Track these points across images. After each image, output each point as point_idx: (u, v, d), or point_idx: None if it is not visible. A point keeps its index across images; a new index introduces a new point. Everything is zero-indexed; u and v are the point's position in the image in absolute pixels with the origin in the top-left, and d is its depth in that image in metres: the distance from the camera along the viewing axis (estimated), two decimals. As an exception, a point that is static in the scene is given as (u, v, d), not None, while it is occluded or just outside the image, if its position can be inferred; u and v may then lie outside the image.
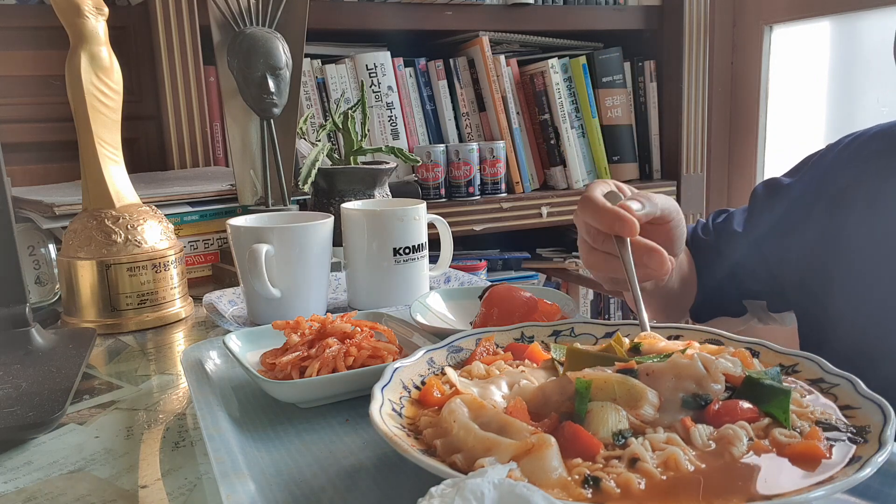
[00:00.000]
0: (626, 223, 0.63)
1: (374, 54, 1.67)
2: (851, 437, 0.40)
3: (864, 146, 0.80)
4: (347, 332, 0.61)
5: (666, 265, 0.63)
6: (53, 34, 0.92)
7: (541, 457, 0.37)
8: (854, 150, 0.81)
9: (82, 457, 0.52)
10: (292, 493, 0.43)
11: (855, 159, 0.80)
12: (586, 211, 0.66)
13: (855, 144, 0.82)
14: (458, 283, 0.96)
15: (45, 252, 0.94)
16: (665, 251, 0.64)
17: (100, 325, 0.82)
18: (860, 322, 0.72)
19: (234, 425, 0.51)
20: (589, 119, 1.83)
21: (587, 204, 0.67)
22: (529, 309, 0.65)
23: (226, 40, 0.99)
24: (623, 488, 0.36)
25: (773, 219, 0.85)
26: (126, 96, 0.87)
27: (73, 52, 0.81)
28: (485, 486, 0.31)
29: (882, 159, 0.77)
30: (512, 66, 1.79)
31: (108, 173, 0.84)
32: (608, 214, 0.64)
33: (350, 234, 0.85)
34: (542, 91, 1.80)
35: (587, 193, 0.68)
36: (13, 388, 0.60)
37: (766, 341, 0.52)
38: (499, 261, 1.85)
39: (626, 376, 0.44)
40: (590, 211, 0.66)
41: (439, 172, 1.68)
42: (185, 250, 0.96)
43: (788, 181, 0.87)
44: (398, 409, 0.45)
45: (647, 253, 0.64)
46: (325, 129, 1.13)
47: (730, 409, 0.42)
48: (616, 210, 0.64)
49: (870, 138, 0.81)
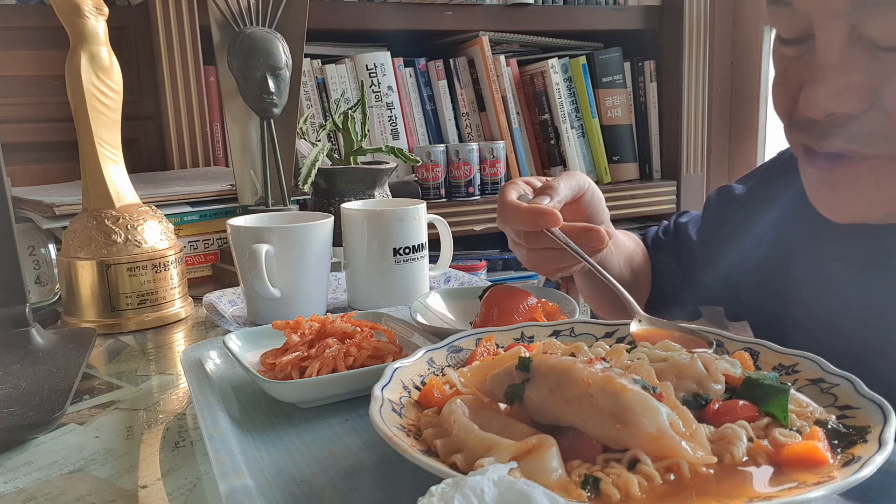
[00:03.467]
0: (548, 216, 0.65)
1: (374, 54, 1.67)
2: (851, 437, 0.40)
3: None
4: (347, 332, 0.61)
5: (604, 235, 0.66)
6: (53, 34, 0.93)
7: (541, 457, 0.37)
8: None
9: (82, 457, 0.52)
10: (292, 493, 0.43)
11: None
12: (507, 217, 0.68)
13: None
14: (458, 283, 0.96)
15: (45, 252, 0.94)
16: (597, 226, 0.66)
17: (100, 325, 0.82)
18: (815, 332, 0.70)
19: (234, 425, 0.51)
20: (589, 119, 1.83)
21: (505, 209, 0.69)
22: (529, 309, 0.65)
23: (226, 40, 0.99)
24: (623, 490, 0.36)
25: (726, 228, 0.83)
26: (126, 96, 0.87)
27: (73, 52, 0.81)
28: (485, 484, 0.31)
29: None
30: (512, 66, 1.79)
31: (108, 173, 0.84)
32: (529, 213, 0.66)
33: (350, 234, 0.85)
34: (542, 91, 1.80)
35: (502, 200, 0.70)
36: (13, 388, 0.60)
37: (766, 341, 0.52)
38: (499, 261, 1.85)
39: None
40: (509, 215, 0.68)
41: (439, 172, 1.68)
42: (185, 250, 0.96)
43: (741, 189, 0.85)
44: (398, 409, 0.45)
45: (584, 234, 0.66)
46: (325, 129, 1.13)
47: (730, 409, 0.42)
48: (535, 207, 0.66)
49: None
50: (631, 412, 0.38)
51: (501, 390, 0.44)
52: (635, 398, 0.38)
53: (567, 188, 0.70)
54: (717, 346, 0.54)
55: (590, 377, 0.40)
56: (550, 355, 0.46)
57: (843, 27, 0.47)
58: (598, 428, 0.38)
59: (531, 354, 0.46)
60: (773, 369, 0.49)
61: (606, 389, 0.39)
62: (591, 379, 0.40)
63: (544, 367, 0.42)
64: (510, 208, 0.68)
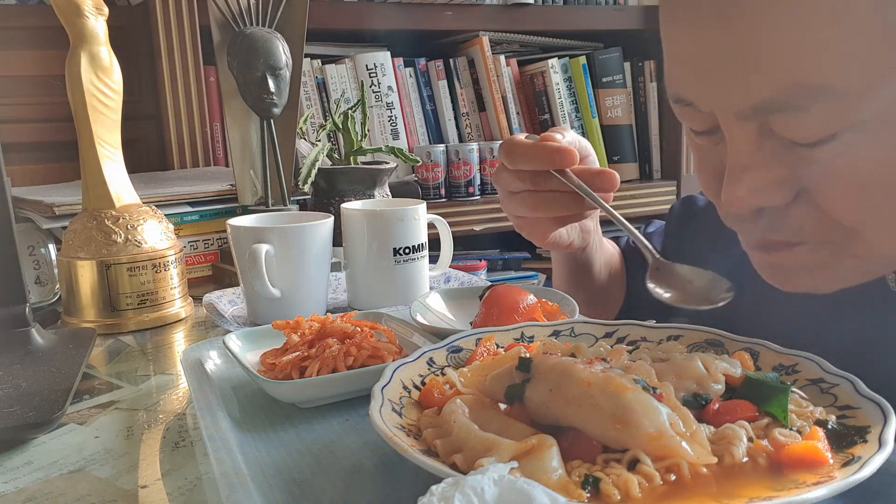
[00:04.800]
0: (566, 153, 0.61)
1: (374, 54, 1.67)
2: (851, 437, 0.40)
3: None
4: (347, 332, 0.61)
5: (617, 179, 0.63)
6: (53, 34, 0.92)
7: (541, 457, 0.37)
8: None
9: (82, 457, 0.52)
10: (292, 493, 0.43)
11: None
12: (517, 156, 0.63)
13: None
14: (458, 283, 0.96)
15: (45, 252, 0.94)
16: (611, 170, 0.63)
17: (100, 325, 0.82)
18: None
19: (234, 425, 0.51)
20: (589, 119, 1.83)
21: (516, 148, 0.63)
22: (530, 309, 0.65)
23: (226, 40, 0.99)
24: (623, 490, 0.36)
25: (685, 239, 0.80)
26: (126, 96, 0.86)
27: (73, 52, 0.81)
28: (485, 483, 0.31)
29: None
30: (512, 66, 1.79)
31: (108, 173, 0.84)
32: (544, 150, 0.62)
33: (350, 234, 0.85)
34: (542, 91, 1.80)
35: (511, 140, 0.64)
36: (13, 388, 0.60)
37: (766, 341, 0.52)
38: (499, 261, 1.85)
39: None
40: (521, 154, 0.63)
41: (439, 172, 1.69)
42: (185, 250, 0.96)
43: (703, 200, 0.82)
44: (398, 409, 0.45)
45: (596, 177, 0.62)
46: (325, 129, 1.13)
47: (730, 409, 0.42)
48: (550, 144, 0.62)
49: None
50: (631, 412, 0.38)
51: (501, 390, 0.44)
52: (635, 398, 0.38)
53: (574, 138, 0.67)
54: (717, 347, 0.54)
55: (590, 377, 0.40)
56: (550, 355, 0.46)
57: (752, 127, 0.43)
58: (598, 428, 0.38)
59: (531, 354, 0.46)
60: (773, 369, 0.49)
61: (607, 390, 0.39)
62: (592, 379, 0.40)
63: (544, 367, 0.42)
64: (522, 145, 0.63)
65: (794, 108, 0.41)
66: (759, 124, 0.43)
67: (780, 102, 0.41)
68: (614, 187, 0.63)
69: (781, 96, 0.41)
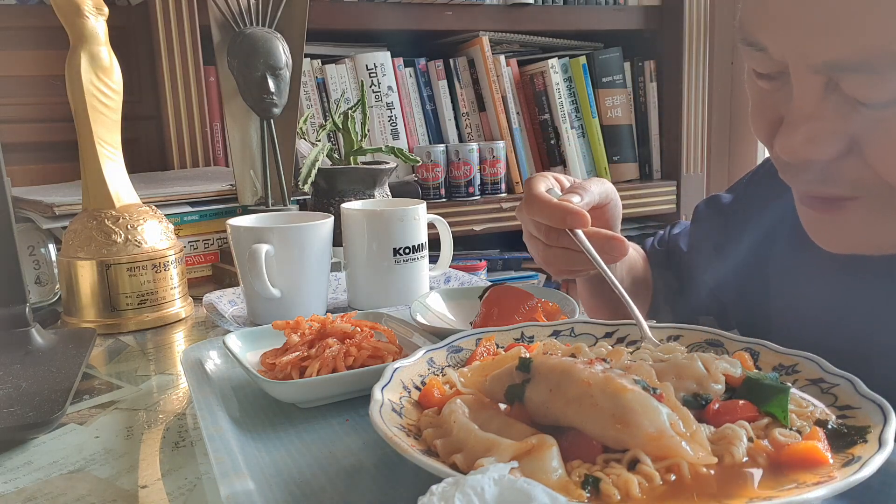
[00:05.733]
0: (578, 217, 0.63)
1: (374, 54, 1.67)
2: (851, 437, 0.40)
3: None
4: (347, 332, 0.61)
5: (626, 247, 0.64)
6: (53, 34, 0.92)
7: (541, 457, 0.37)
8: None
9: (82, 457, 0.52)
10: (292, 493, 0.43)
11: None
12: (534, 209, 0.66)
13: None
14: (458, 283, 0.96)
15: (45, 252, 0.94)
16: (620, 236, 0.64)
17: (100, 325, 0.82)
18: (800, 341, 0.68)
19: (234, 425, 0.51)
20: (589, 119, 1.83)
21: (534, 202, 0.66)
22: (530, 309, 0.65)
23: (226, 40, 0.99)
24: (623, 490, 0.36)
25: (712, 238, 0.81)
26: (126, 96, 0.86)
27: (73, 52, 0.81)
28: (485, 482, 0.31)
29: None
30: (512, 66, 1.79)
31: (108, 173, 0.84)
32: (558, 210, 0.64)
33: (350, 234, 0.85)
34: (542, 91, 1.80)
35: (531, 192, 0.67)
36: (13, 388, 0.60)
37: (766, 342, 0.52)
38: (499, 261, 1.85)
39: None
40: (537, 208, 0.65)
41: (439, 172, 1.68)
42: (185, 250, 0.96)
43: (728, 198, 0.83)
44: (398, 409, 0.45)
45: (606, 242, 0.64)
46: (325, 129, 1.13)
47: (730, 409, 0.42)
48: (565, 205, 0.64)
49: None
50: (631, 412, 0.38)
51: (501, 390, 0.44)
52: (635, 398, 0.38)
53: (597, 193, 0.69)
54: (717, 346, 0.54)
55: (590, 377, 0.40)
56: (551, 356, 0.46)
57: (820, 80, 0.45)
58: (598, 428, 0.38)
59: (531, 355, 0.46)
60: (773, 369, 0.49)
61: (607, 390, 0.39)
62: (592, 379, 0.40)
63: (544, 367, 0.42)
64: (539, 201, 0.66)
65: (868, 71, 0.43)
66: (827, 79, 0.45)
67: (857, 63, 0.43)
68: (622, 256, 0.65)
69: (860, 57, 0.42)
